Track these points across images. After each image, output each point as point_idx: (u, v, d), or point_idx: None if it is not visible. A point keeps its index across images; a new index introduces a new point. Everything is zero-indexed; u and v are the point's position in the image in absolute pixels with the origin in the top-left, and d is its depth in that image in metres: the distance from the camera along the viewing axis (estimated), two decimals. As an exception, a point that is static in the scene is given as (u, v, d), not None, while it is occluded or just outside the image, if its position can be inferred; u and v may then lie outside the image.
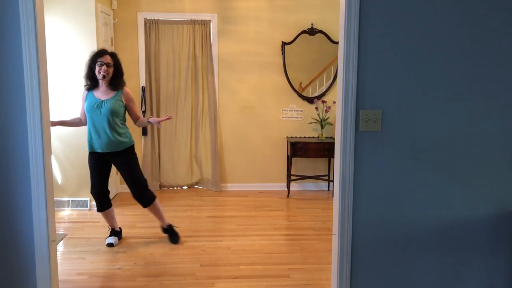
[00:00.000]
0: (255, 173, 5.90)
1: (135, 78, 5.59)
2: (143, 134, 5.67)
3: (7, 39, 2.27)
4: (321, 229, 4.44)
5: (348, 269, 2.43)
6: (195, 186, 5.99)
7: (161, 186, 5.89)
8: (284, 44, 5.67)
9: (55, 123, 3.79)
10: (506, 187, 2.43)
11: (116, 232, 4.08)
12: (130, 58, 5.55)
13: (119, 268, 3.52)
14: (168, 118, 3.90)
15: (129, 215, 4.82)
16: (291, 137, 5.80)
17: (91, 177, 3.91)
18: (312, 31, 5.68)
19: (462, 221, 2.44)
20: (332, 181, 5.60)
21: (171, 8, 5.56)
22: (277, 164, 5.90)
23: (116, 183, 5.58)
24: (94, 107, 3.73)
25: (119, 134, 3.80)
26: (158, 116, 5.67)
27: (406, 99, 2.34)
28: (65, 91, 4.86)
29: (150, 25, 5.56)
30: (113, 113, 3.74)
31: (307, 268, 3.54)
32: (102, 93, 3.78)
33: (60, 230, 4.37)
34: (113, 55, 3.80)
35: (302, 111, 5.82)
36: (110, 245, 3.94)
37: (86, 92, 3.83)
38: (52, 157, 4.19)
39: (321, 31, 5.68)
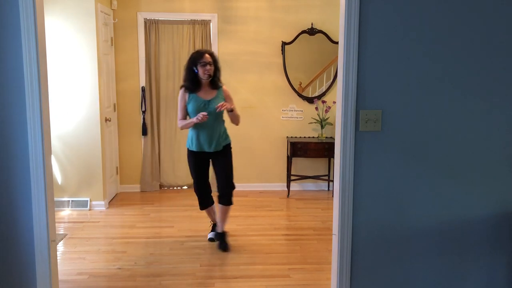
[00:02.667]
0: (255, 173, 5.90)
1: (135, 78, 5.59)
2: (143, 134, 5.66)
3: (7, 39, 2.27)
4: (321, 229, 4.44)
5: (348, 269, 2.43)
6: (195, 186, 5.98)
7: (161, 186, 5.89)
8: (284, 44, 5.67)
9: (189, 125, 3.73)
10: (506, 187, 2.43)
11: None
12: (130, 58, 5.56)
13: (119, 268, 3.52)
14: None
15: (129, 215, 4.83)
16: (291, 137, 5.80)
17: (195, 176, 3.93)
18: (312, 31, 5.68)
19: (462, 221, 2.44)
20: (332, 181, 5.60)
21: (171, 8, 5.56)
22: (277, 164, 5.90)
23: (116, 183, 5.59)
24: (201, 108, 3.70)
25: (224, 132, 3.87)
26: (158, 117, 5.68)
27: (406, 99, 2.34)
28: (65, 91, 4.86)
29: (150, 25, 5.56)
30: (219, 111, 3.73)
31: (307, 268, 3.54)
32: (205, 93, 3.77)
33: (60, 230, 4.37)
34: (211, 54, 3.79)
35: (302, 111, 5.82)
36: (211, 240, 4.01)
37: (187, 94, 3.76)
38: (52, 157, 4.19)
39: (321, 31, 5.68)
